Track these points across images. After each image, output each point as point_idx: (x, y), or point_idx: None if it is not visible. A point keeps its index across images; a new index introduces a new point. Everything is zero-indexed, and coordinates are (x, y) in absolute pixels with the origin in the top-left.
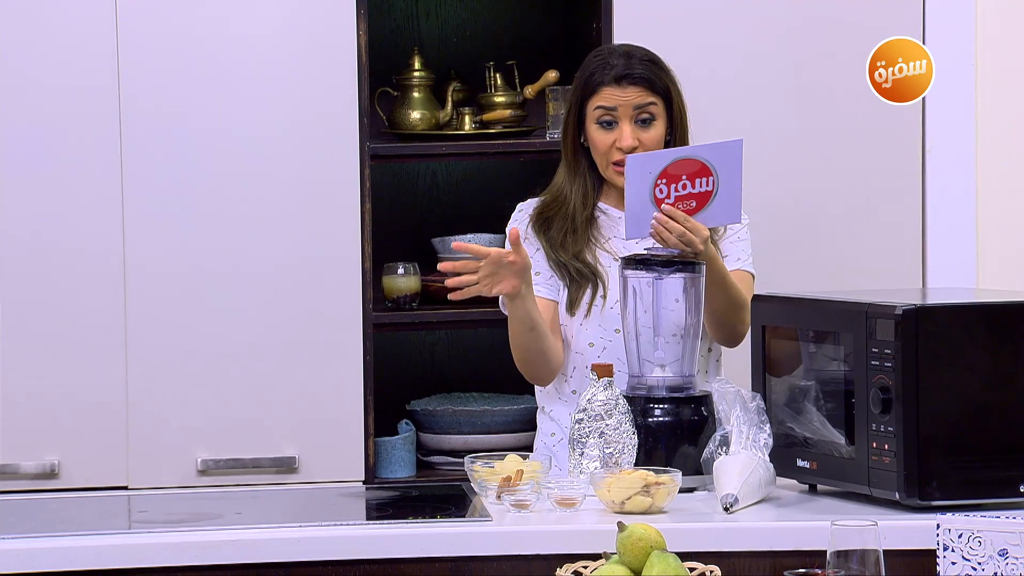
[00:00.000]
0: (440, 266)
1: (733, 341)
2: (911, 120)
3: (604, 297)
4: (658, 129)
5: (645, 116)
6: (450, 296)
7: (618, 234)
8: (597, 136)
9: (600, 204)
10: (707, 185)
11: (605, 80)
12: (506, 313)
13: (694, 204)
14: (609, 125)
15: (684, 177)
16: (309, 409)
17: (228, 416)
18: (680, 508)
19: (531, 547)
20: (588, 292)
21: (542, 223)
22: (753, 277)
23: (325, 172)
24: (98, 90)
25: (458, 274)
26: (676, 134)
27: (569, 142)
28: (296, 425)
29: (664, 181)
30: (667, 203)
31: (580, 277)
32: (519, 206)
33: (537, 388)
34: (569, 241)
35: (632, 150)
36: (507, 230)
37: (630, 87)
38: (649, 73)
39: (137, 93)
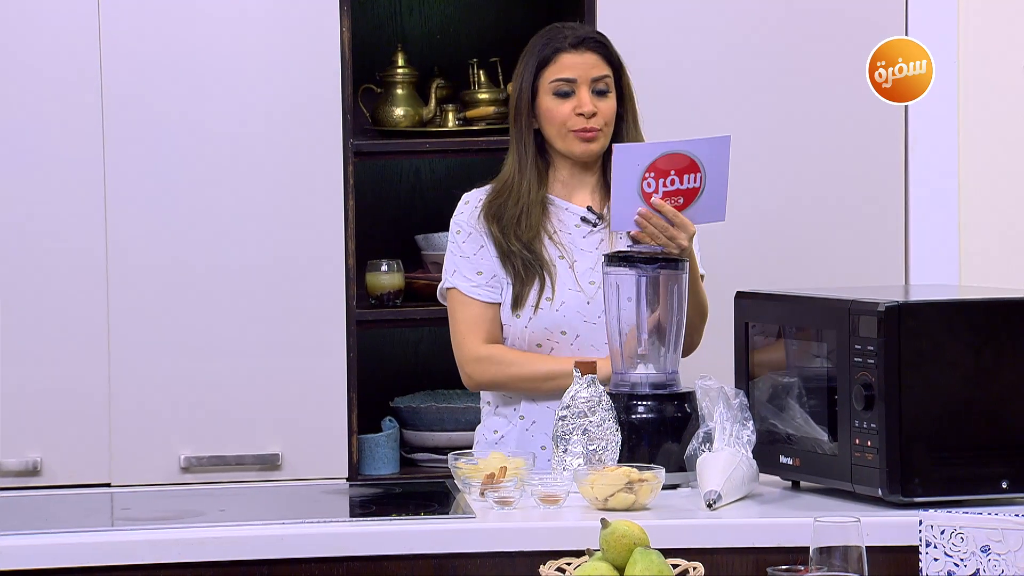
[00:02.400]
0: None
1: (686, 350)
2: (894, 118)
3: (550, 299)
4: (612, 102)
5: (602, 87)
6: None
7: (566, 228)
8: (554, 107)
9: (547, 195)
10: (695, 182)
11: (563, 46)
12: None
13: (681, 200)
14: (566, 96)
15: (672, 172)
16: (293, 406)
17: (211, 413)
18: (663, 505)
19: (514, 544)
20: (534, 290)
21: (493, 211)
22: (703, 278)
23: (308, 169)
24: (81, 87)
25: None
26: (627, 113)
27: (523, 124)
28: (279, 422)
29: (652, 175)
30: (655, 197)
31: (526, 273)
32: (465, 197)
33: None
34: (523, 224)
35: (592, 116)
36: (452, 221)
37: (588, 53)
38: (604, 43)
39: (120, 89)
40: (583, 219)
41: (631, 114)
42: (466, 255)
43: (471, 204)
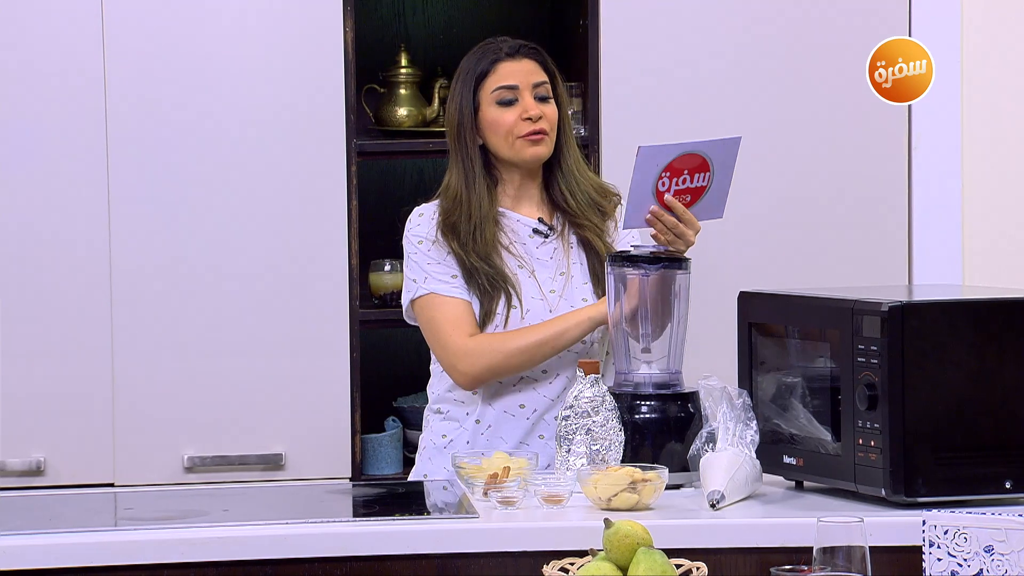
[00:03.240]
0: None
1: None
2: (898, 118)
3: (518, 307)
4: (554, 108)
5: (543, 93)
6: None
7: (520, 239)
8: (498, 116)
9: (497, 207)
10: (703, 181)
11: (500, 56)
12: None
13: (688, 198)
14: (510, 104)
15: (685, 171)
16: (296, 406)
17: (215, 413)
18: (667, 505)
19: (518, 544)
20: (501, 303)
21: (449, 227)
22: None
23: (312, 169)
24: (85, 88)
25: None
26: (563, 122)
27: (467, 141)
28: (283, 422)
29: (668, 174)
30: (668, 195)
31: (492, 288)
32: (418, 210)
33: (434, 387)
34: (479, 242)
35: (539, 118)
36: (409, 235)
37: (525, 60)
38: (540, 50)
39: (124, 90)
40: (535, 231)
41: (567, 123)
42: (436, 260)
43: (427, 216)
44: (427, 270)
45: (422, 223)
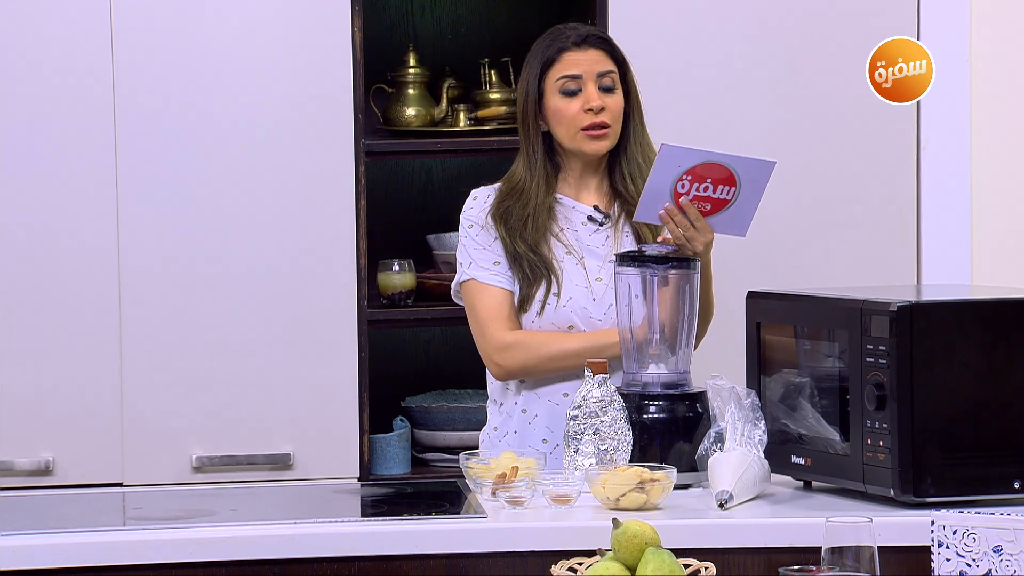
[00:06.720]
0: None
1: None
2: (906, 118)
3: (557, 295)
4: (619, 98)
5: (608, 83)
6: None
7: (573, 226)
8: (562, 106)
9: (556, 195)
10: (727, 194)
11: (566, 45)
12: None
13: (708, 207)
14: (573, 94)
15: (708, 180)
16: (304, 406)
17: (223, 413)
18: (675, 505)
19: (526, 544)
20: (541, 290)
21: (500, 213)
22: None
23: (320, 169)
24: (93, 88)
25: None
26: (633, 111)
27: (531, 127)
28: (291, 422)
29: (689, 178)
30: (685, 198)
31: (533, 274)
32: (473, 193)
33: (492, 380)
34: (529, 227)
35: (601, 110)
36: (461, 218)
37: (591, 50)
38: (608, 40)
39: (132, 90)
40: (589, 218)
41: (637, 111)
42: (481, 246)
43: (480, 200)
44: (472, 255)
45: (474, 207)
